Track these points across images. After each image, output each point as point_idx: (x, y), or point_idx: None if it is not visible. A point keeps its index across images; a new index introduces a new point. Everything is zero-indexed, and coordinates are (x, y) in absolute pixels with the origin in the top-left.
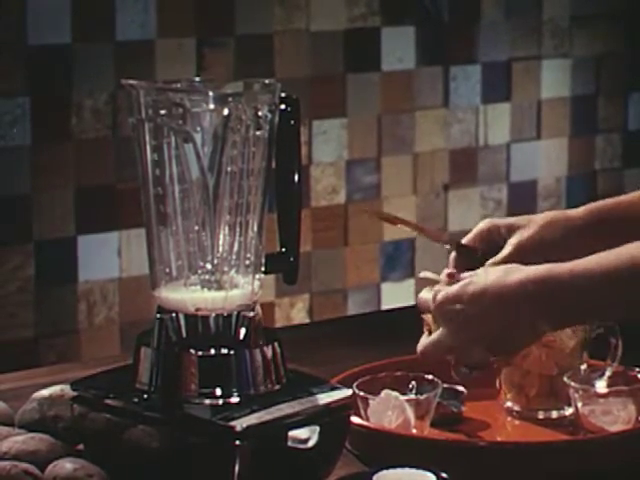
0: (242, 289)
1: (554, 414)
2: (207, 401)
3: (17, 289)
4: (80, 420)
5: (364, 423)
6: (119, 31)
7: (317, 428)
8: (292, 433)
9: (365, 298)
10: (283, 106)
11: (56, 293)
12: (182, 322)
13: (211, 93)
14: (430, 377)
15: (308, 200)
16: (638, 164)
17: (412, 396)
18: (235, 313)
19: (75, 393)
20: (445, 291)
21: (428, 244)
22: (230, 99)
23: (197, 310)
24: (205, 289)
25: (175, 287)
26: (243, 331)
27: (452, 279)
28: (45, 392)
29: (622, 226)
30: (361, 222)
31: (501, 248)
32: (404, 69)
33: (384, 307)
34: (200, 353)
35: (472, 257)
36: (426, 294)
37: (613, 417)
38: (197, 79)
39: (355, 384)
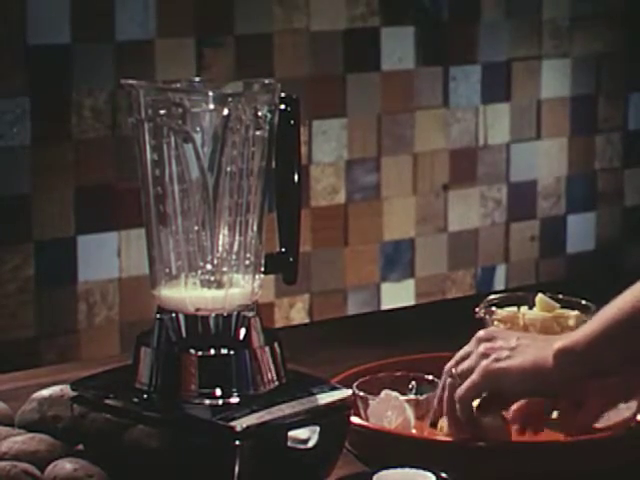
0: (242, 289)
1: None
2: (207, 401)
3: (17, 289)
4: (80, 420)
5: (364, 423)
6: (119, 31)
7: (317, 428)
8: (292, 433)
9: (365, 298)
10: (283, 106)
11: (56, 293)
12: (182, 322)
13: (211, 93)
14: (430, 377)
15: (308, 200)
16: (638, 164)
17: (412, 396)
18: (235, 313)
19: (75, 393)
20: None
21: (428, 244)
22: (230, 99)
23: (197, 310)
24: (205, 289)
25: (175, 287)
26: (243, 331)
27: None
28: (45, 392)
29: None
30: (361, 222)
31: None
32: (404, 69)
33: (384, 307)
34: (200, 353)
35: None
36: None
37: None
38: (197, 79)
39: (355, 384)
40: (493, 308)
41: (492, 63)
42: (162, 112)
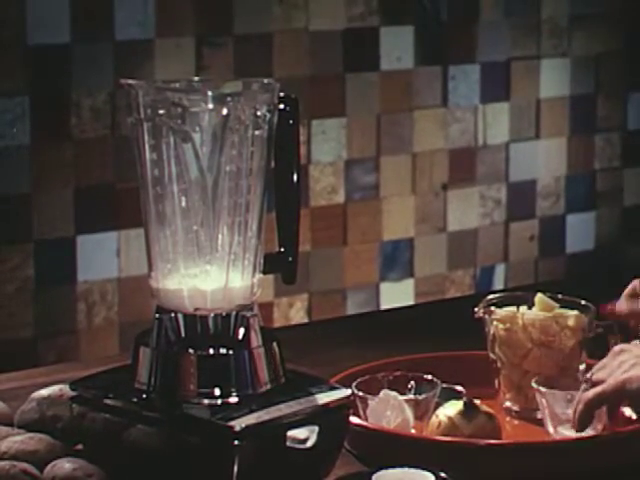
0: (241, 289)
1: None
2: (206, 401)
3: (16, 289)
4: (79, 420)
5: (363, 423)
6: (118, 31)
7: (316, 428)
8: (291, 433)
9: (364, 298)
10: (282, 106)
11: (55, 293)
12: (181, 322)
13: (210, 93)
14: (429, 377)
15: (307, 200)
16: (638, 163)
17: (411, 396)
18: (234, 313)
19: (74, 393)
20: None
21: (427, 244)
22: (229, 99)
23: (196, 310)
24: (204, 289)
25: (174, 287)
26: (242, 331)
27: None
28: (44, 392)
29: None
30: (360, 222)
31: None
32: (403, 69)
33: (383, 307)
34: (199, 353)
35: None
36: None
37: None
38: (196, 79)
39: (354, 384)
40: (492, 308)
41: (491, 63)
42: (161, 112)
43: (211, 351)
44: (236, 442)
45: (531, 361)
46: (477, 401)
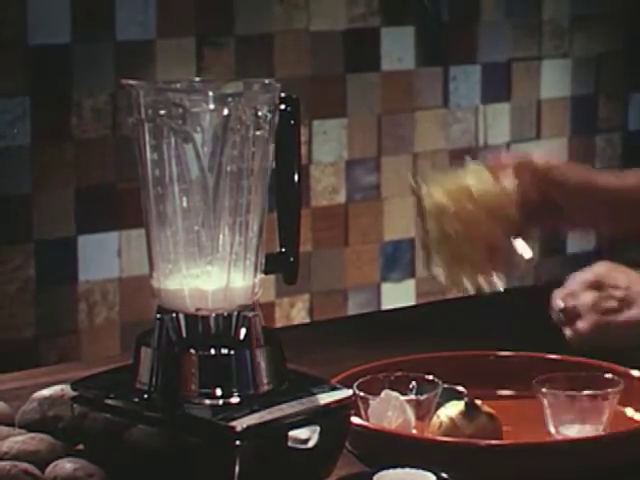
0: (242, 289)
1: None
2: (207, 401)
3: (17, 289)
4: (80, 420)
5: (364, 423)
6: (119, 31)
7: (317, 428)
8: (292, 433)
9: (365, 298)
10: (283, 106)
11: (56, 293)
12: (182, 322)
13: (211, 93)
14: (430, 377)
15: (308, 200)
16: (638, 164)
17: (412, 396)
18: (235, 313)
19: (75, 393)
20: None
21: None
22: (230, 99)
23: (197, 310)
24: (205, 289)
25: (175, 287)
26: (243, 331)
27: None
28: (45, 392)
29: None
30: (361, 222)
31: None
32: (404, 69)
33: (384, 307)
34: (200, 353)
35: None
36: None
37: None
38: (197, 79)
39: (355, 384)
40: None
41: (492, 63)
42: (162, 112)
43: (212, 351)
44: (237, 442)
45: (475, 227)
46: (478, 401)
